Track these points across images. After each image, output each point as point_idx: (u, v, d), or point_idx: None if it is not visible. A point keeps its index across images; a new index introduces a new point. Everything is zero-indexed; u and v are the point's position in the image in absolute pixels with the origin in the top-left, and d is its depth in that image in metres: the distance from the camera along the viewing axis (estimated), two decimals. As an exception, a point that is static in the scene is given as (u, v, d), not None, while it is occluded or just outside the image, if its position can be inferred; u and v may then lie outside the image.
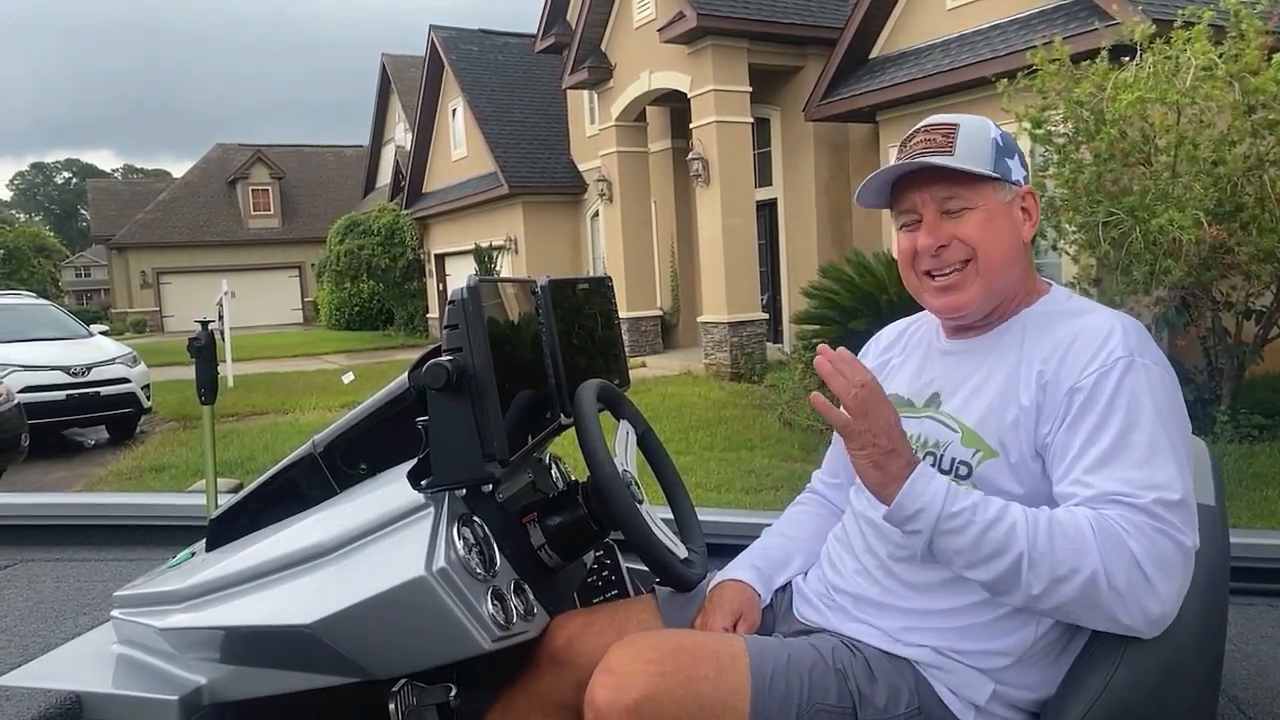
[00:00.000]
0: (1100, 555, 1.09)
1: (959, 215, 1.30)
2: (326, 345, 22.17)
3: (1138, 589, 1.09)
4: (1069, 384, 1.20)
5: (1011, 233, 1.31)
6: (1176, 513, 1.11)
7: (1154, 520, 1.10)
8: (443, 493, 1.35)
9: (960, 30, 10.64)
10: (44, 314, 11.34)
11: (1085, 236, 7.24)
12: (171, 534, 2.26)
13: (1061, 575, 1.10)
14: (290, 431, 9.49)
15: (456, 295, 1.31)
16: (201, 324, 1.93)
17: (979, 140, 1.31)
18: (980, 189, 1.30)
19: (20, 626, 1.77)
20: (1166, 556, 1.09)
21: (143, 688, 1.42)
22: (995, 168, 1.30)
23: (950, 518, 1.14)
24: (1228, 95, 6.65)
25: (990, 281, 1.31)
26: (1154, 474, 1.13)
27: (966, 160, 1.29)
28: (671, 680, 1.21)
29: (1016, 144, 1.36)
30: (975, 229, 1.29)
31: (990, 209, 1.30)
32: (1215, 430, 6.89)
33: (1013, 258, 1.31)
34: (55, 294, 35.49)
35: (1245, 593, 1.84)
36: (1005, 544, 1.12)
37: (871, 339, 1.59)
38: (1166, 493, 1.11)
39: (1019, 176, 1.33)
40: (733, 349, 12.57)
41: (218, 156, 37.53)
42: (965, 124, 1.33)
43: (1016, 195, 1.32)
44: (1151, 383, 1.18)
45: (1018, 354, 1.28)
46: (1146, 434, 1.15)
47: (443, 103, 21.57)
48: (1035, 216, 1.33)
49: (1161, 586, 1.09)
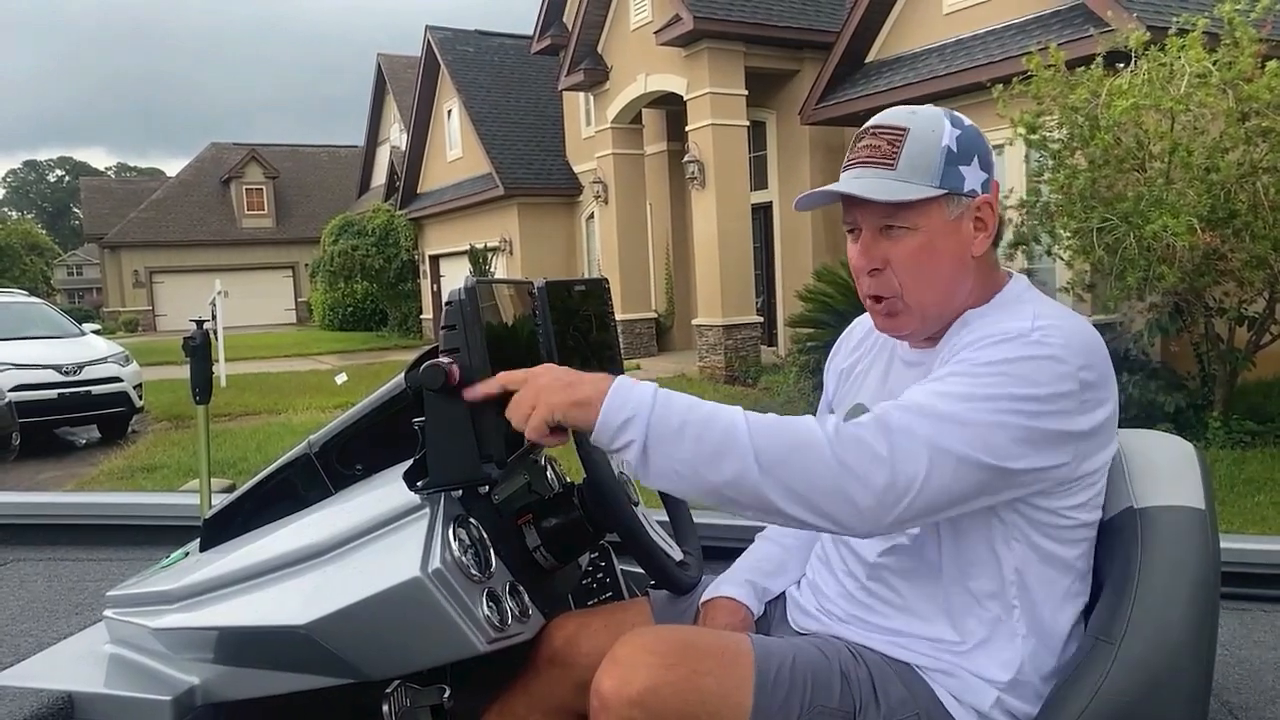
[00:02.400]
0: (827, 435, 1.09)
1: (897, 236, 1.23)
2: (320, 346, 22.13)
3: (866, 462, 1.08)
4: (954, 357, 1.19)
5: (954, 254, 1.23)
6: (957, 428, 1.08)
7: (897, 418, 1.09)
8: (438, 494, 1.35)
9: (957, 35, 10.68)
10: (36, 312, 11.30)
11: (1079, 242, 7.27)
12: (165, 534, 2.25)
13: (788, 459, 1.08)
14: (283, 432, 9.46)
15: (454, 296, 1.31)
16: (197, 323, 1.92)
17: (926, 149, 1.21)
18: (923, 209, 1.21)
19: (12, 626, 1.76)
20: (904, 443, 1.08)
21: (135, 688, 1.42)
22: (943, 181, 1.21)
23: (662, 410, 1.11)
24: (1221, 102, 6.68)
25: (923, 311, 1.26)
26: (934, 389, 1.11)
27: (909, 174, 1.20)
28: (676, 673, 1.21)
29: (980, 141, 1.24)
30: (909, 257, 1.22)
31: (930, 231, 1.22)
32: (1208, 436, 6.92)
33: (952, 280, 1.24)
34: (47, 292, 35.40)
35: (1237, 598, 1.85)
36: (728, 435, 1.09)
37: (843, 334, 1.54)
38: (934, 403, 1.10)
39: (975, 184, 1.23)
40: (727, 352, 12.58)
41: (212, 155, 37.45)
42: (915, 128, 1.22)
43: (968, 208, 1.23)
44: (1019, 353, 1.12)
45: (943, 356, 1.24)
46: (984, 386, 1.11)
47: (438, 103, 21.56)
48: (992, 225, 1.24)
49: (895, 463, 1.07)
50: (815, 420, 1.12)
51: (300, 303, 35.48)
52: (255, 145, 37.21)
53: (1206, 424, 7.08)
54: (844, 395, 1.46)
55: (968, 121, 1.26)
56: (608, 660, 1.24)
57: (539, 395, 1.17)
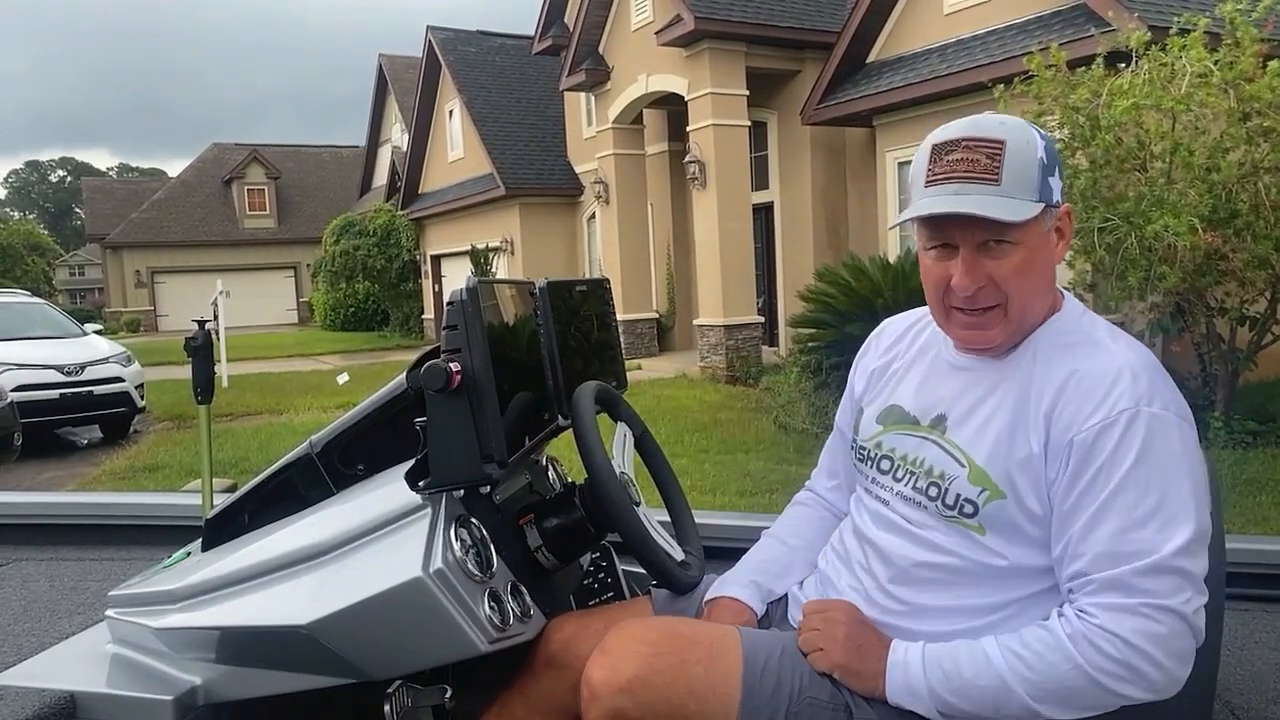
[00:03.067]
0: (1083, 657, 1.11)
1: (999, 253, 1.20)
2: (321, 346, 22.14)
3: (1134, 667, 1.09)
4: (1070, 433, 1.17)
5: (1048, 265, 1.24)
6: (1164, 577, 1.10)
7: (1134, 594, 1.10)
8: (440, 494, 1.35)
9: (957, 35, 10.67)
10: (38, 313, 11.30)
11: (1081, 242, 7.26)
12: (167, 534, 2.26)
13: (1065, 693, 1.12)
14: (284, 432, 9.47)
15: (455, 296, 1.31)
16: (199, 323, 1.92)
17: (1026, 163, 1.18)
18: (1026, 225, 1.19)
19: (14, 626, 1.76)
20: (1153, 627, 1.09)
21: (137, 687, 1.42)
22: (1040, 194, 1.18)
23: (938, 691, 1.18)
24: (1223, 102, 6.68)
25: (1020, 323, 1.24)
26: (1147, 537, 1.11)
27: (1014, 190, 1.17)
28: (664, 662, 1.22)
29: (1056, 153, 1.24)
30: (1013, 272, 1.20)
31: (1032, 246, 1.20)
32: (1209, 436, 6.91)
33: (1046, 290, 1.25)
34: (49, 293, 35.35)
35: (1240, 598, 1.84)
36: (1000, 693, 1.15)
37: (873, 334, 1.53)
38: (1151, 558, 1.10)
39: (1058, 193, 1.22)
40: (728, 352, 12.57)
41: (213, 156, 37.48)
42: (1011, 140, 1.18)
43: (1054, 218, 1.23)
44: (1157, 434, 1.14)
45: (1026, 384, 1.22)
46: (1142, 492, 1.12)
47: (440, 104, 21.57)
48: (1069, 234, 1.25)
49: (1156, 655, 1.09)
50: (1065, 638, 1.13)
51: (302, 303, 35.50)
52: (257, 145, 37.24)
53: (1208, 424, 7.07)
54: (875, 395, 1.44)
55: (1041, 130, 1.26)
56: (598, 650, 1.26)
57: (831, 642, 1.26)
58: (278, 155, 37.20)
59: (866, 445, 1.40)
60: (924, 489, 1.28)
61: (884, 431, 1.38)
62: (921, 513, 1.29)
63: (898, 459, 1.34)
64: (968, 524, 1.24)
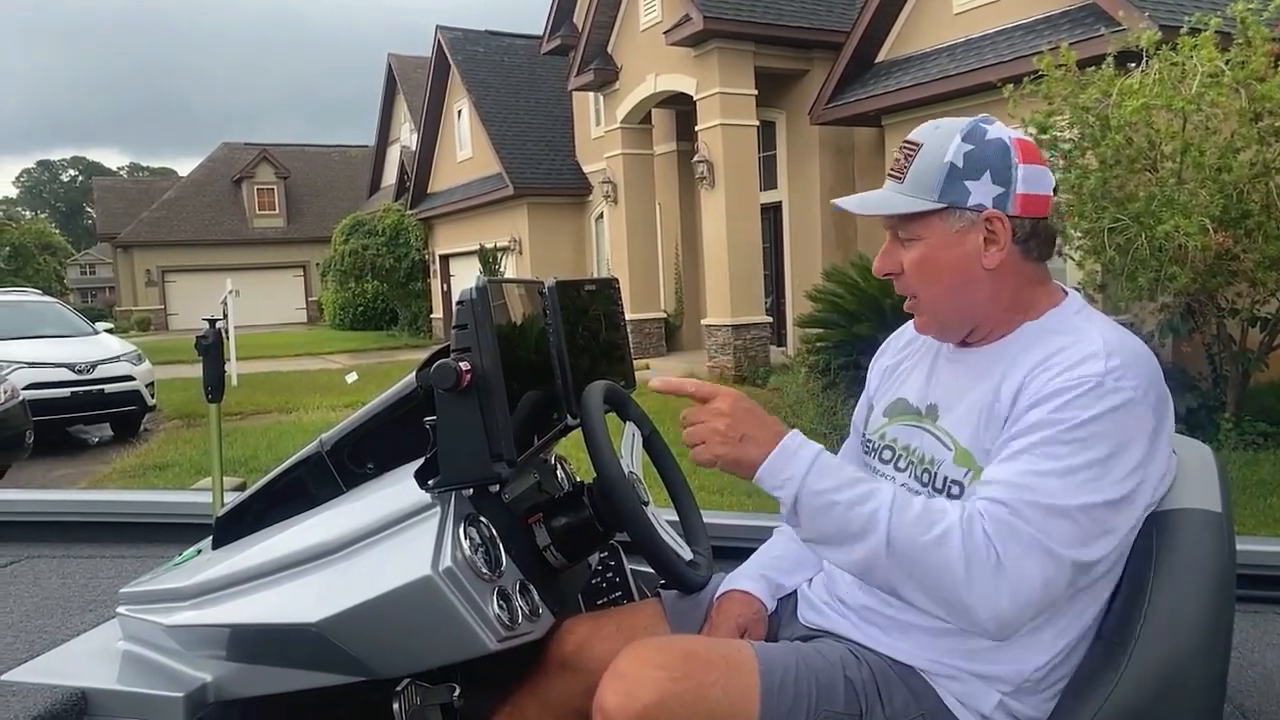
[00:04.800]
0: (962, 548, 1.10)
1: (908, 245, 1.30)
2: (330, 345, 22.19)
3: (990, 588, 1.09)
4: (1032, 399, 1.18)
5: (958, 265, 1.26)
6: (1064, 522, 1.10)
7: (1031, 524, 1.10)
8: (449, 493, 1.35)
9: (966, 35, 10.64)
10: (49, 311, 11.35)
11: (1091, 242, 7.24)
12: (177, 531, 2.27)
13: (919, 564, 1.11)
14: (293, 431, 9.49)
15: (465, 296, 1.31)
16: (209, 322, 1.93)
17: (930, 165, 1.26)
18: (925, 221, 1.27)
19: (26, 623, 1.77)
20: (1032, 564, 1.09)
21: (148, 684, 1.42)
22: (943, 195, 1.25)
23: (810, 489, 1.16)
24: (1234, 102, 6.64)
25: (937, 315, 1.31)
26: (1064, 482, 1.11)
27: (913, 189, 1.26)
28: (681, 685, 1.21)
29: (1000, 158, 1.25)
30: (914, 265, 1.29)
31: (934, 244, 1.27)
32: (1220, 437, 6.88)
33: (962, 289, 1.27)
34: (60, 291, 35.58)
35: (1251, 600, 1.83)
36: (870, 527, 1.13)
37: (895, 333, 1.56)
38: (1060, 499, 1.10)
39: (983, 199, 1.24)
40: (736, 352, 12.56)
41: (223, 155, 37.61)
42: (927, 144, 1.27)
43: (973, 222, 1.25)
44: (1117, 408, 1.14)
45: (1009, 369, 1.25)
46: (1076, 449, 1.12)
47: (448, 103, 21.60)
48: (1005, 238, 1.25)
49: (1017, 591, 1.09)
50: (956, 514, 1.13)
51: (311, 302, 35.60)
52: (266, 145, 37.35)
53: (1218, 425, 7.04)
54: (885, 390, 1.48)
55: (993, 135, 1.26)
56: (610, 674, 1.24)
57: (712, 435, 1.22)
58: (287, 155, 37.31)
59: (872, 438, 1.44)
60: (919, 476, 1.32)
61: (888, 424, 1.42)
62: None
63: (899, 449, 1.38)
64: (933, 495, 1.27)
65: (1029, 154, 1.27)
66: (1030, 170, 1.26)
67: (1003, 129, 1.28)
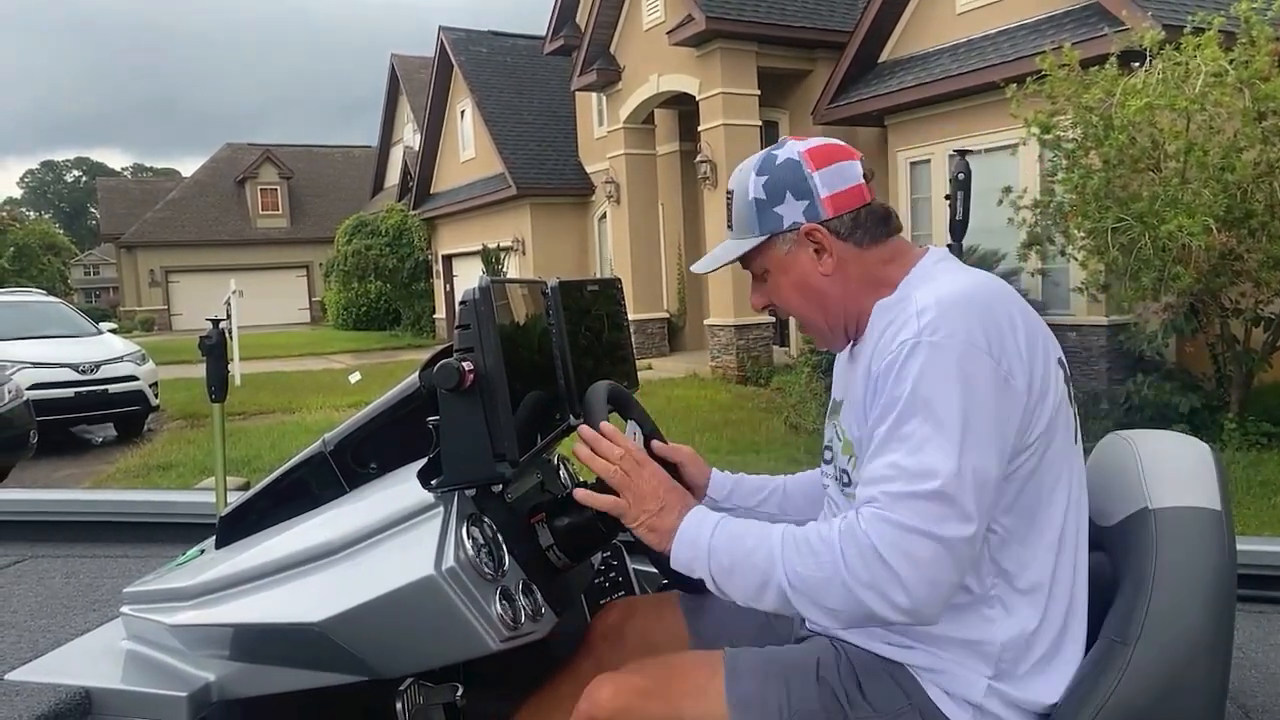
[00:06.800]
0: (844, 561, 1.13)
1: (765, 279, 1.38)
2: (333, 345, 22.21)
3: (881, 582, 1.11)
4: (874, 373, 1.23)
5: (801, 281, 1.34)
6: (932, 502, 1.11)
7: (899, 513, 1.11)
8: (452, 492, 1.36)
9: (969, 35, 10.63)
10: (53, 311, 11.37)
11: (1094, 242, 7.23)
12: (181, 531, 2.27)
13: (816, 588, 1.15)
14: (296, 431, 9.50)
15: (468, 296, 1.32)
16: (213, 322, 1.94)
17: (743, 206, 1.35)
18: (761, 255, 1.36)
19: (30, 622, 1.78)
20: (912, 547, 1.10)
21: (152, 684, 1.43)
22: (761, 226, 1.33)
23: (716, 556, 1.22)
24: (1237, 101, 6.63)
25: (816, 329, 1.39)
26: (919, 461, 1.13)
27: (739, 232, 1.36)
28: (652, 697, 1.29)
29: (790, 174, 1.32)
30: (775, 295, 1.38)
31: (776, 270, 1.36)
32: (1223, 437, 6.87)
33: (818, 299, 1.35)
34: (64, 292, 35.60)
35: (1253, 600, 1.83)
36: (767, 572, 1.18)
37: None
38: (921, 483, 1.12)
39: (795, 217, 1.31)
40: (739, 352, 12.56)
41: (227, 156, 37.66)
42: (736, 189, 1.36)
43: (795, 239, 1.32)
44: (934, 361, 1.15)
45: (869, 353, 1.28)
46: (918, 420, 1.14)
47: (451, 104, 21.61)
48: (829, 243, 1.31)
49: (907, 576, 1.10)
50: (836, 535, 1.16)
51: (314, 302, 35.63)
52: (270, 146, 37.39)
53: (1222, 425, 7.03)
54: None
55: (783, 157, 1.33)
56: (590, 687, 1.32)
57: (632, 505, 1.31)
58: (290, 155, 37.35)
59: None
60: (831, 469, 1.41)
61: (826, 423, 1.49)
62: (835, 492, 1.40)
63: (824, 446, 1.47)
64: (850, 494, 1.31)
65: (823, 158, 1.32)
66: (827, 172, 1.32)
67: (792, 147, 1.34)
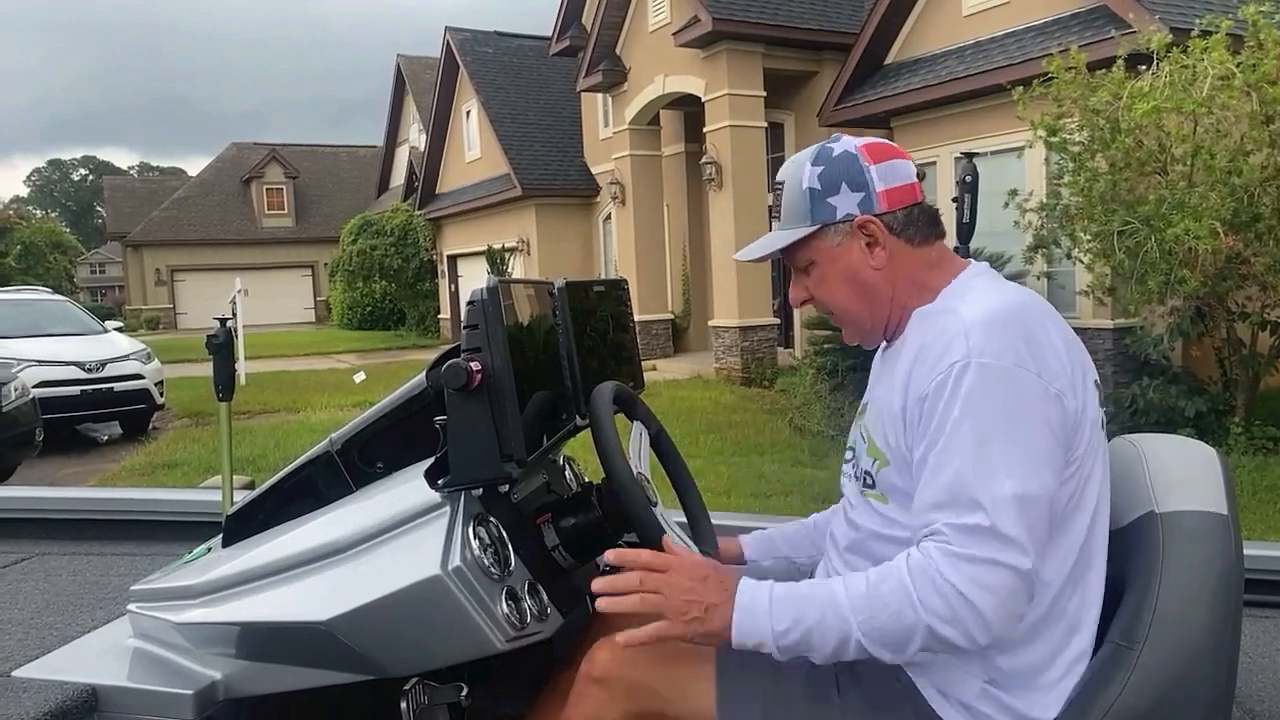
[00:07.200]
0: (921, 604, 1.12)
1: (808, 271, 1.38)
2: (338, 344, 22.26)
3: (964, 619, 1.11)
4: (919, 391, 1.22)
5: (849, 274, 1.34)
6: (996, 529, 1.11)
7: (968, 546, 1.12)
8: (459, 492, 1.36)
9: (976, 37, 10.62)
10: (59, 310, 11.41)
11: (1100, 245, 7.22)
12: (188, 529, 2.28)
13: (897, 637, 1.15)
14: (301, 430, 9.52)
15: (476, 296, 1.32)
16: (220, 321, 1.94)
17: (795, 196, 1.34)
18: (809, 246, 1.35)
19: (37, 619, 1.78)
20: (986, 578, 1.11)
21: (158, 681, 1.43)
22: (814, 216, 1.33)
23: (782, 636, 1.19)
24: (1245, 105, 6.62)
25: (852, 324, 1.39)
26: (977, 487, 1.13)
27: (789, 222, 1.35)
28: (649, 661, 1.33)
29: (849, 166, 1.31)
30: (816, 287, 1.38)
31: (823, 261, 1.35)
32: (1229, 442, 6.85)
33: (862, 294, 1.35)
34: (70, 290, 35.75)
35: (1259, 604, 1.83)
36: (843, 633, 1.16)
37: None
38: (984, 513, 1.12)
39: (850, 209, 1.31)
40: (744, 353, 12.56)
41: (233, 155, 37.74)
42: (788, 179, 1.36)
43: (849, 230, 1.32)
44: (986, 385, 1.16)
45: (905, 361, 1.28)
46: (973, 443, 1.15)
47: (457, 104, 21.64)
48: (882, 238, 1.31)
49: (986, 607, 1.11)
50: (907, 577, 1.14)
51: (319, 302, 35.71)
52: (275, 145, 37.46)
53: (1228, 429, 7.01)
54: None
55: (839, 150, 1.33)
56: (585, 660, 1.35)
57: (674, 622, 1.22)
58: (296, 155, 37.41)
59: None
60: (852, 469, 1.41)
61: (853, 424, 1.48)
62: (854, 493, 1.40)
63: (849, 446, 1.46)
64: (871, 494, 1.33)
65: (879, 153, 1.33)
66: (883, 167, 1.32)
67: (848, 141, 1.34)
